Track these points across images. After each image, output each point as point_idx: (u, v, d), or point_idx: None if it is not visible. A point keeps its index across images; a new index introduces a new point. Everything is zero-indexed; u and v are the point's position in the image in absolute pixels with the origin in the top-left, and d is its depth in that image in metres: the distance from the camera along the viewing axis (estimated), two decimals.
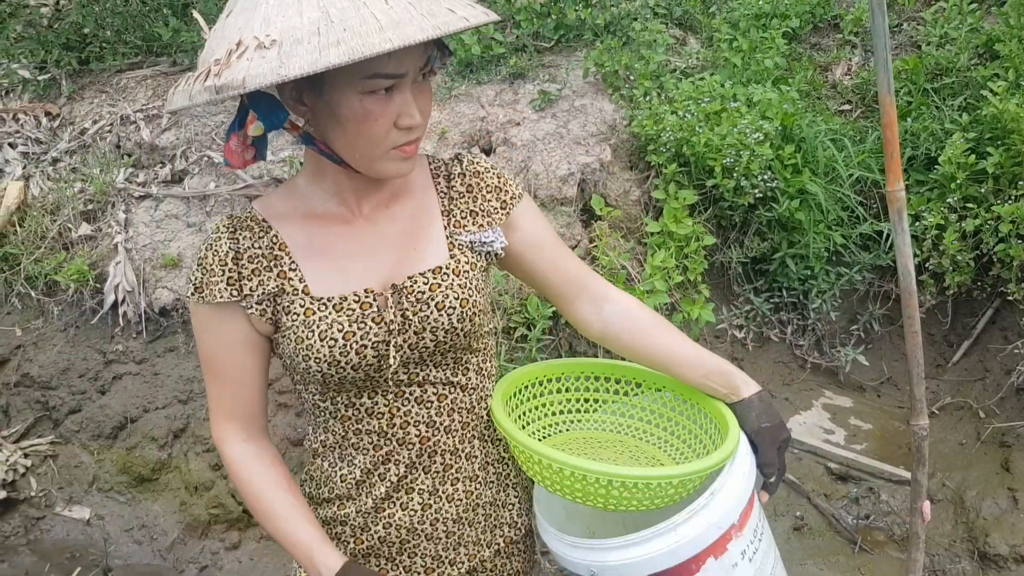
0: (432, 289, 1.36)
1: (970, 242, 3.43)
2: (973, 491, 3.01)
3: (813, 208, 3.57)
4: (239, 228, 1.36)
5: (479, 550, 1.55)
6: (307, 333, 1.32)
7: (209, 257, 1.35)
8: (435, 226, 1.43)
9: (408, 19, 1.13)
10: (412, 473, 1.45)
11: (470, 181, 1.46)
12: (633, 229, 3.55)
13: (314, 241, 1.37)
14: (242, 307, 1.34)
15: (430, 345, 1.38)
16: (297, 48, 1.11)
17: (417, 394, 1.42)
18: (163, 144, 4.03)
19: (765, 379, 3.63)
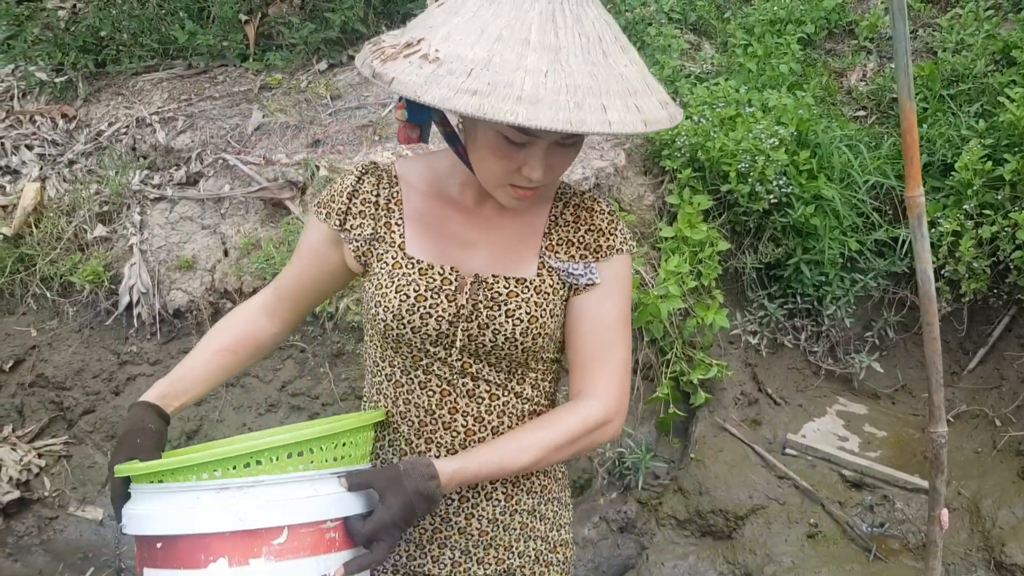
0: (509, 296, 1.41)
1: (986, 249, 3.41)
2: (989, 500, 2.99)
3: (828, 214, 3.56)
4: (369, 173, 1.50)
5: (508, 556, 1.55)
6: (387, 281, 1.43)
7: (336, 185, 1.51)
8: (534, 243, 1.47)
9: (551, 102, 1.16)
10: None
11: (580, 213, 1.47)
12: (647, 234, 3.55)
13: (427, 213, 1.47)
14: (341, 237, 1.48)
15: (488, 344, 1.42)
16: (445, 78, 1.18)
17: (469, 387, 1.46)
18: (178, 146, 4.04)
19: (779, 385, 3.62)
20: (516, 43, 1.19)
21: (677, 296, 3.24)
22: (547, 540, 1.59)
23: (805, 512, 3.04)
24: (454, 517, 1.50)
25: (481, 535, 1.52)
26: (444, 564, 1.52)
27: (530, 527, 1.56)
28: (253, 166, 3.79)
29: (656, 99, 1.27)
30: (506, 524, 1.53)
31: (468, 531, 1.51)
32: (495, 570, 1.54)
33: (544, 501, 1.57)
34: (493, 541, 1.53)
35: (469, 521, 1.51)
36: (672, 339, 3.38)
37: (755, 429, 3.42)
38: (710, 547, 3.05)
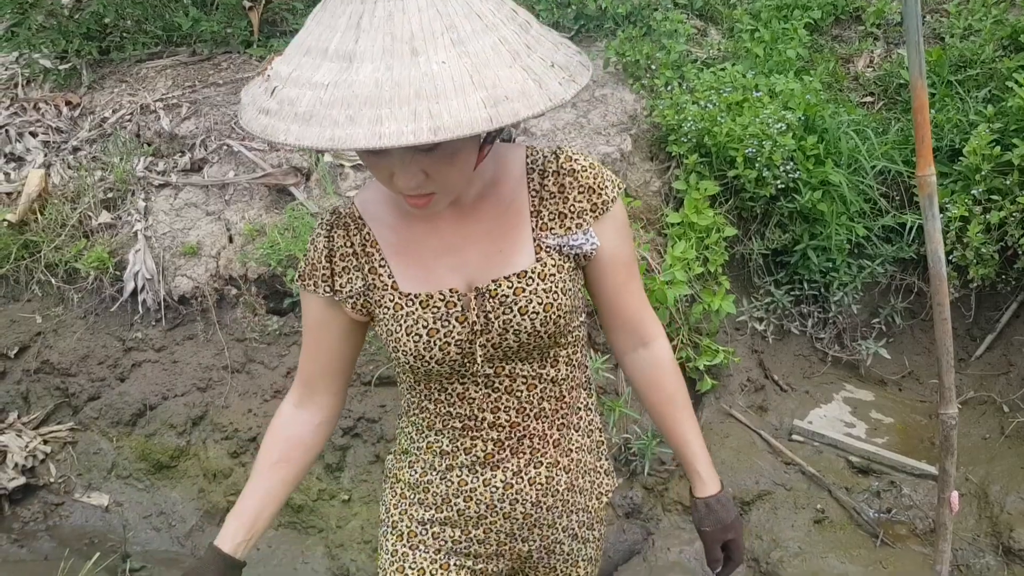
0: (516, 293, 1.37)
1: (994, 234, 3.39)
2: (997, 485, 2.98)
3: (835, 199, 3.54)
4: (335, 226, 1.43)
5: (553, 532, 1.59)
6: (395, 327, 1.39)
7: (310, 252, 1.45)
8: (523, 226, 1.40)
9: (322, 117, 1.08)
10: (500, 453, 1.49)
11: (563, 180, 1.39)
12: (653, 220, 3.53)
13: (403, 239, 1.42)
14: (336, 301, 1.44)
15: (513, 345, 1.40)
16: (258, 97, 1.18)
17: (507, 384, 1.45)
18: (182, 133, 4.04)
19: (786, 372, 3.61)
20: (317, 55, 1.12)
21: (683, 282, 3.22)
22: (587, 509, 1.64)
23: (812, 498, 3.03)
24: (499, 504, 1.52)
25: (526, 518, 1.54)
26: (490, 544, 1.56)
27: (570, 502, 1.59)
28: (257, 152, 3.78)
29: (479, 97, 1.07)
30: (548, 505, 1.55)
31: (513, 516, 1.53)
32: (540, 545, 1.59)
33: (580, 474, 1.59)
34: (537, 522, 1.56)
35: (514, 507, 1.52)
36: (678, 325, 3.37)
37: (761, 415, 3.41)
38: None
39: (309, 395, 1.54)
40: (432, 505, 1.55)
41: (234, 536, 1.47)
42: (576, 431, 1.57)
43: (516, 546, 1.57)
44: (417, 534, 1.57)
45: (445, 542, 1.56)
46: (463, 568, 1.57)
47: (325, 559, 3.09)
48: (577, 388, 1.54)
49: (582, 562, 1.67)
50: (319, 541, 3.13)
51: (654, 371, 1.57)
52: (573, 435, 1.56)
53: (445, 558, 1.56)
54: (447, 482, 1.52)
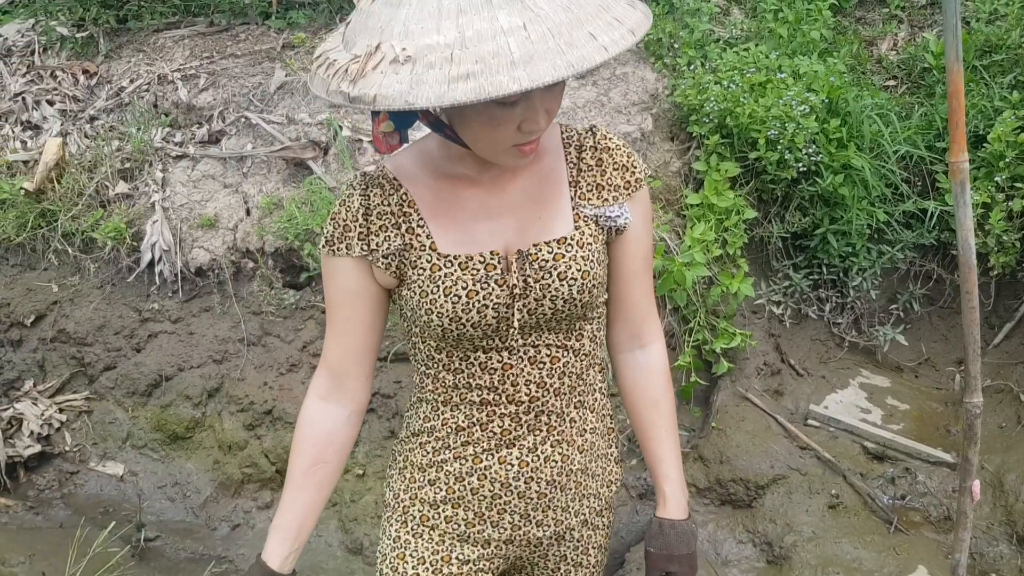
0: (556, 259, 1.38)
1: (1016, 222, 3.36)
2: (1013, 474, 2.97)
3: (857, 184, 3.50)
4: (371, 185, 1.40)
5: (566, 517, 1.57)
6: (432, 288, 1.36)
7: (342, 213, 1.40)
8: (562, 195, 1.43)
9: (543, 52, 1.10)
10: (517, 429, 1.47)
11: (600, 155, 1.45)
12: (673, 201, 3.51)
13: (442, 200, 1.40)
14: (368, 261, 1.40)
15: (548, 312, 1.40)
16: (428, 74, 1.11)
17: (531, 354, 1.43)
18: (200, 104, 4.02)
19: (802, 356, 3.59)
20: (480, 8, 1.12)
21: (702, 264, 3.20)
22: (598, 496, 1.62)
23: (826, 483, 3.03)
24: (513, 483, 1.49)
25: (540, 498, 1.52)
26: (504, 528, 1.53)
27: (583, 485, 1.58)
28: (275, 125, 3.77)
29: (624, 2, 1.20)
30: (562, 485, 1.53)
31: (527, 495, 1.51)
32: (553, 531, 1.56)
33: (593, 458, 1.59)
34: (551, 503, 1.54)
35: (528, 485, 1.50)
36: (695, 307, 3.36)
37: (777, 399, 3.40)
38: (730, 516, 3.04)
39: (339, 384, 1.48)
40: (444, 485, 1.51)
41: (280, 550, 1.46)
42: (591, 412, 1.56)
43: (530, 530, 1.54)
44: (429, 517, 1.53)
45: (458, 525, 1.52)
46: (466, 563, 1.53)
47: (339, 532, 3.10)
48: (594, 367, 1.54)
49: (592, 549, 1.65)
50: (333, 515, 3.15)
51: (647, 376, 1.58)
52: (588, 415, 1.55)
53: (448, 549, 1.53)
54: (461, 460, 1.49)
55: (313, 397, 1.50)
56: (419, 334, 1.45)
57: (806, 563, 2.78)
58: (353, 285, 1.43)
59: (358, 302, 1.44)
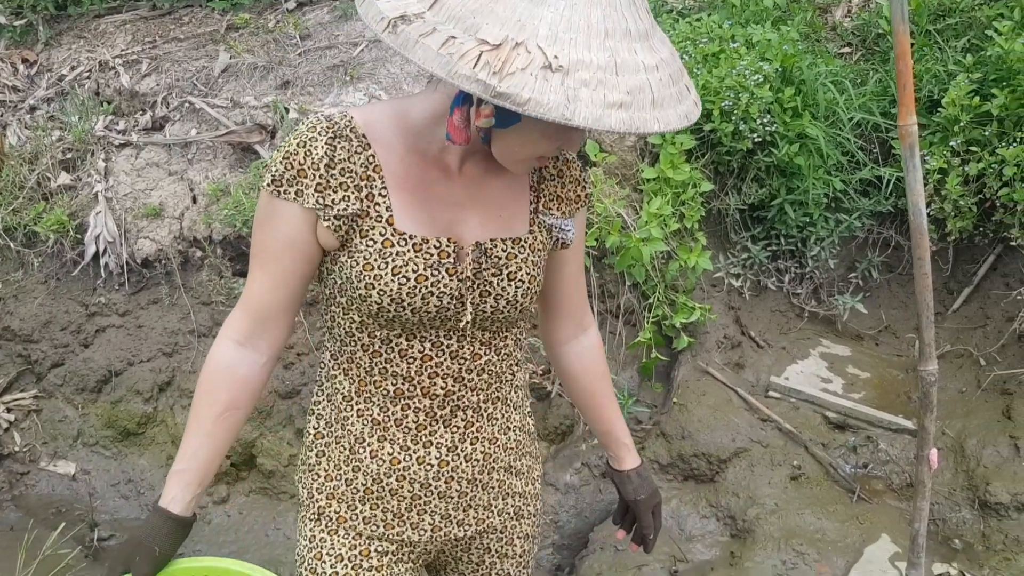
0: (508, 258, 1.36)
1: (973, 187, 3.35)
2: (974, 439, 2.97)
3: (813, 153, 3.48)
4: (338, 137, 1.29)
5: (488, 515, 1.53)
6: (380, 263, 1.29)
7: (301, 155, 1.28)
8: (523, 199, 1.41)
9: (668, 98, 1.12)
10: (432, 425, 1.41)
11: (562, 167, 1.45)
12: (628, 176, 3.46)
13: (410, 175, 1.32)
14: (317, 215, 1.29)
15: (488, 311, 1.36)
16: (582, 91, 1.05)
17: (453, 348, 1.38)
18: (143, 90, 3.90)
19: (762, 328, 3.57)
20: (622, 37, 1.09)
21: (659, 239, 3.16)
22: (523, 495, 1.59)
23: (788, 454, 3.01)
24: (433, 482, 1.43)
25: (461, 497, 1.47)
26: (424, 530, 1.47)
27: (507, 484, 1.54)
28: (220, 109, 3.67)
29: None
30: (484, 483, 1.49)
31: (448, 495, 1.45)
32: (475, 530, 1.52)
33: (519, 456, 1.55)
34: (472, 502, 1.49)
35: (449, 484, 1.45)
36: (654, 283, 3.32)
37: (738, 372, 3.38)
38: (693, 490, 3.02)
39: (259, 331, 1.38)
40: (362, 486, 1.43)
41: (183, 496, 1.37)
42: (515, 410, 1.52)
43: (451, 530, 1.48)
44: (346, 518, 1.45)
45: (376, 527, 1.45)
46: (385, 554, 1.47)
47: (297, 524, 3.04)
48: (514, 367, 1.49)
49: (518, 540, 1.60)
50: (291, 507, 3.09)
51: (592, 354, 1.63)
52: (512, 413, 1.51)
53: (366, 543, 1.46)
54: (379, 460, 1.41)
55: (228, 341, 1.38)
56: (344, 306, 1.36)
57: (769, 535, 2.77)
58: (295, 236, 1.31)
59: (296, 254, 1.33)
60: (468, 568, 1.59)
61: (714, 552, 2.85)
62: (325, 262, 1.36)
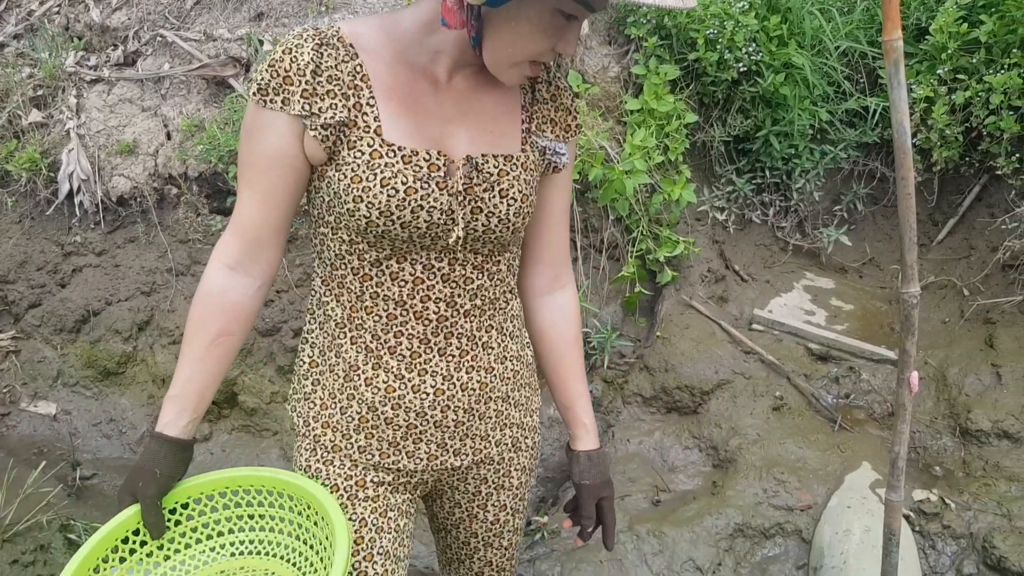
0: (500, 175, 1.32)
1: (959, 116, 3.31)
2: (956, 368, 2.97)
3: (798, 83, 3.42)
4: (325, 44, 1.26)
5: (486, 446, 1.51)
6: (368, 175, 1.25)
7: (287, 62, 1.24)
8: (514, 118, 1.38)
9: None
10: (426, 353, 1.39)
11: (554, 91, 1.43)
12: (612, 107, 3.40)
13: (398, 86, 1.29)
14: (304, 124, 1.26)
15: (480, 229, 1.32)
16: None
17: (445, 271, 1.35)
18: (114, 25, 3.79)
19: (746, 262, 3.55)
20: None
21: (643, 171, 3.12)
22: (521, 426, 1.57)
23: (771, 385, 3.02)
24: (429, 411, 1.41)
25: (457, 426, 1.45)
26: (420, 459, 1.45)
27: (504, 414, 1.51)
28: (193, 43, 3.57)
29: None
30: (481, 413, 1.47)
31: (444, 424, 1.43)
32: (472, 460, 1.50)
33: (516, 387, 1.53)
34: (469, 431, 1.47)
35: (445, 413, 1.42)
36: (638, 217, 3.28)
37: (721, 306, 3.37)
38: (676, 422, 3.03)
39: (252, 254, 1.35)
40: (357, 414, 1.42)
41: (177, 421, 1.35)
42: (512, 340, 1.49)
43: (447, 460, 1.47)
44: (341, 447, 1.44)
45: (371, 455, 1.43)
46: (381, 484, 1.45)
47: (280, 461, 3.04)
48: (508, 294, 1.46)
49: (515, 471, 1.58)
50: (274, 443, 3.08)
51: (566, 315, 1.57)
52: (509, 343, 1.48)
53: (362, 473, 1.44)
54: (373, 388, 1.39)
55: (220, 265, 1.35)
56: (333, 225, 1.33)
57: (751, 465, 2.78)
58: (283, 147, 1.27)
59: (286, 168, 1.29)
60: (464, 498, 1.58)
61: (696, 482, 2.87)
62: (313, 179, 1.33)
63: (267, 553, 1.47)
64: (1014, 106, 3.18)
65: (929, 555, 2.54)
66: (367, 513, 1.44)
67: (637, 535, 2.64)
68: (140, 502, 1.35)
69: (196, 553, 1.46)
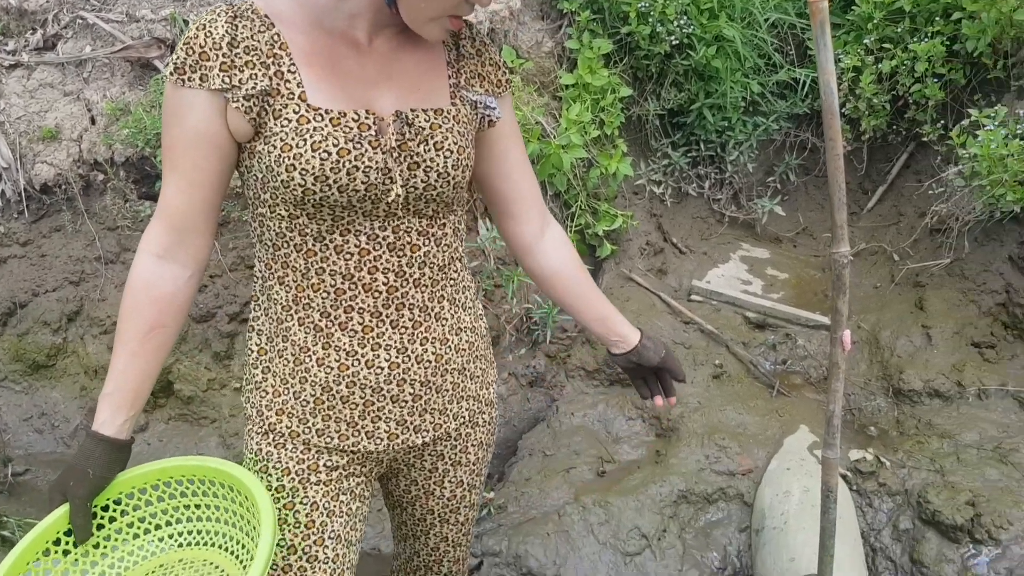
0: (433, 128, 1.30)
1: (886, 85, 3.38)
2: (888, 331, 3.05)
3: (730, 56, 3.46)
4: (239, 17, 1.24)
5: (445, 420, 1.49)
6: (298, 141, 1.22)
7: (201, 38, 1.22)
8: (440, 74, 1.37)
9: None
10: (379, 327, 1.36)
11: (479, 46, 1.42)
12: (547, 83, 3.39)
13: (318, 51, 1.27)
14: (226, 98, 1.23)
15: (420, 186, 1.30)
16: None
17: (391, 240, 1.32)
18: (32, 8, 3.65)
19: (684, 234, 3.59)
20: None
21: (579, 145, 3.12)
22: (478, 399, 1.56)
23: (710, 354, 3.05)
24: (385, 386, 1.39)
25: (415, 401, 1.43)
26: (380, 439, 1.43)
27: (461, 387, 1.50)
28: (115, 24, 3.46)
29: None
30: (438, 386, 1.45)
31: (401, 399, 1.41)
32: (433, 436, 1.48)
33: (472, 359, 1.52)
34: (427, 405, 1.45)
35: (401, 388, 1.40)
36: (576, 191, 3.29)
37: (661, 278, 3.40)
38: (619, 395, 3.05)
39: (181, 240, 1.31)
40: (311, 396, 1.38)
41: (114, 419, 1.32)
42: (464, 311, 1.48)
43: (408, 438, 1.45)
44: (299, 432, 1.41)
45: (330, 439, 1.41)
46: (335, 468, 1.43)
47: (220, 449, 2.98)
48: (457, 262, 1.45)
49: (472, 447, 1.58)
50: (212, 432, 3.02)
51: (564, 249, 1.56)
52: (462, 314, 1.47)
53: (315, 457, 1.41)
54: (326, 368, 1.36)
55: (148, 255, 1.32)
56: (270, 203, 1.29)
57: (693, 432, 2.82)
58: (205, 126, 1.24)
59: (210, 147, 1.26)
60: (421, 475, 1.57)
61: (640, 452, 2.89)
62: (243, 159, 1.30)
63: (206, 543, 1.45)
64: (938, 74, 3.26)
65: (866, 513, 2.60)
66: (319, 497, 1.42)
67: (583, 506, 2.66)
68: (69, 502, 1.31)
69: (134, 548, 1.42)
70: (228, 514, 1.42)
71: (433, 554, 1.71)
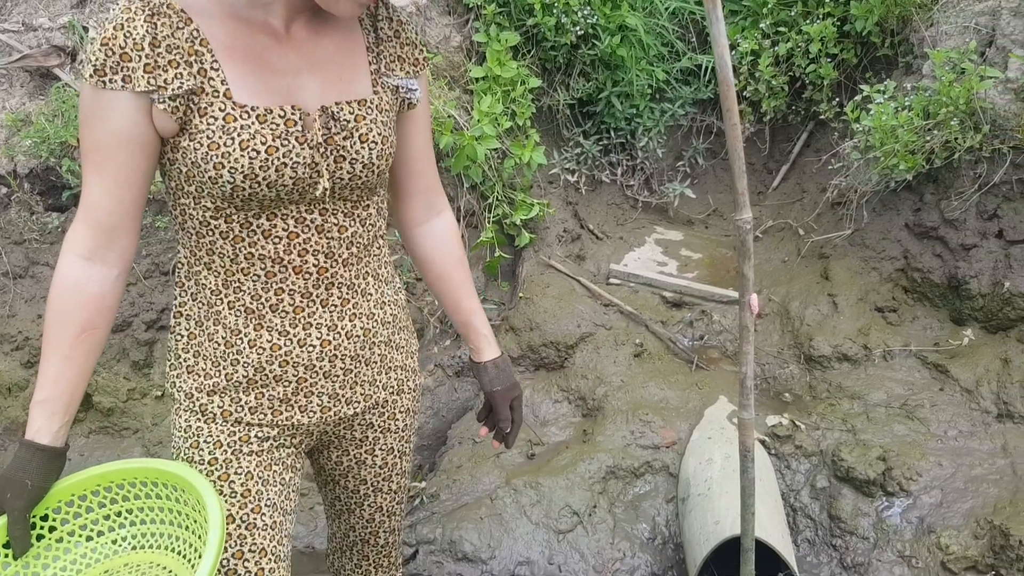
0: (357, 120, 1.33)
1: (783, 67, 3.52)
2: (797, 301, 3.17)
3: (634, 44, 3.55)
4: (157, 14, 1.21)
5: (375, 391, 1.54)
6: (225, 140, 1.23)
7: (119, 39, 1.19)
8: (360, 60, 1.38)
9: None
10: (310, 307, 1.39)
11: (396, 27, 1.43)
12: (457, 76, 3.43)
13: (239, 45, 1.26)
14: (151, 99, 1.22)
15: (346, 176, 1.33)
16: None
17: (318, 222, 1.35)
18: None
19: (600, 220, 3.67)
20: None
21: (492, 136, 3.17)
22: (404, 368, 1.60)
23: (631, 334, 3.13)
24: (318, 363, 1.42)
25: (346, 375, 1.47)
26: (313, 412, 1.46)
27: (388, 358, 1.55)
28: (12, 34, 3.37)
29: None
30: (367, 358, 1.49)
31: (333, 374, 1.45)
32: (364, 406, 1.53)
33: (396, 330, 1.56)
34: (358, 378, 1.49)
35: (333, 363, 1.44)
36: (492, 183, 3.33)
37: (579, 264, 3.47)
38: (544, 378, 3.10)
39: (107, 241, 1.30)
40: (244, 377, 1.40)
41: (50, 425, 1.30)
42: (387, 285, 1.52)
43: (340, 410, 1.49)
44: (232, 412, 1.42)
45: (264, 415, 1.42)
46: (266, 439, 1.44)
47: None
48: (380, 240, 1.49)
49: (400, 414, 1.62)
50: (136, 442, 2.97)
51: (447, 238, 1.62)
52: (384, 288, 1.51)
53: (246, 429, 1.43)
54: (258, 349, 1.38)
55: (74, 257, 1.30)
56: (195, 195, 1.29)
57: (618, 410, 2.89)
58: (130, 127, 1.23)
59: (136, 147, 1.25)
60: (352, 446, 1.60)
61: (568, 432, 2.95)
62: (165, 152, 1.29)
63: (151, 546, 1.44)
64: (831, 54, 3.41)
65: (785, 475, 2.70)
66: (252, 466, 1.44)
67: (515, 488, 2.70)
68: (7, 515, 1.29)
69: (77, 557, 1.41)
70: (172, 514, 1.41)
71: (368, 526, 1.74)
